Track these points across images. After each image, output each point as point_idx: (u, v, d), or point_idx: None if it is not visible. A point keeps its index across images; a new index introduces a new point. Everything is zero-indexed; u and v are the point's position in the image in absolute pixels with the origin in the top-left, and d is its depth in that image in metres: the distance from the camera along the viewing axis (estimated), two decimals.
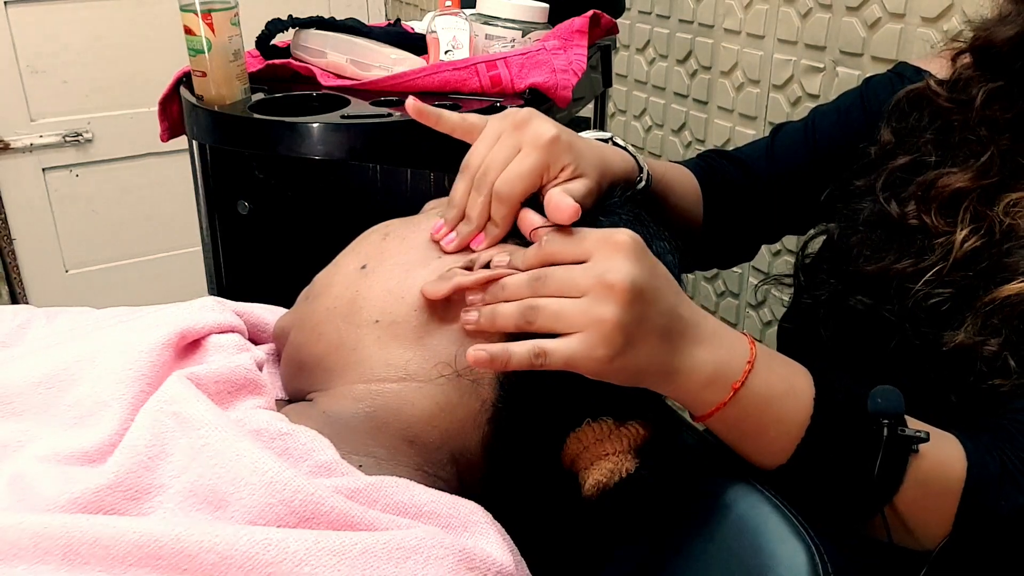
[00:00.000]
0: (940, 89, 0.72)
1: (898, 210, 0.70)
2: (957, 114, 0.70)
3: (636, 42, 1.54)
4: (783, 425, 0.51)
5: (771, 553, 0.50)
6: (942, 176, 0.68)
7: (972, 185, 0.66)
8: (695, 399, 0.51)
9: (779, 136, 0.82)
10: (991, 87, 0.69)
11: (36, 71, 2.02)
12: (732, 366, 0.50)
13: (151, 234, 2.29)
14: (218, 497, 0.42)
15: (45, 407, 0.49)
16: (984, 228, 0.65)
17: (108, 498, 0.42)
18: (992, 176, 0.66)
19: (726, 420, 0.51)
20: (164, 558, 0.38)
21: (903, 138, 0.73)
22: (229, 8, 0.90)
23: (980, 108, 0.68)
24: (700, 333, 0.50)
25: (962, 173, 0.67)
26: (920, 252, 0.67)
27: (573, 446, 0.53)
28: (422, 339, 0.52)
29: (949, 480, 0.53)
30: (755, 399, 0.51)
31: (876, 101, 0.77)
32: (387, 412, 0.51)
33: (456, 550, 0.41)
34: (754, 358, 0.51)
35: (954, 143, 0.69)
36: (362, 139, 0.87)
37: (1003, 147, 0.66)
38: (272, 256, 0.95)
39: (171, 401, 0.46)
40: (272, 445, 0.45)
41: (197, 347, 0.54)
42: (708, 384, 0.50)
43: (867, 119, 0.76)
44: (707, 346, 0.50)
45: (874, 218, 0.72)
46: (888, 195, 0.71)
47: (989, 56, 0.69)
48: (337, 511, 0.41)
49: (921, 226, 0.68)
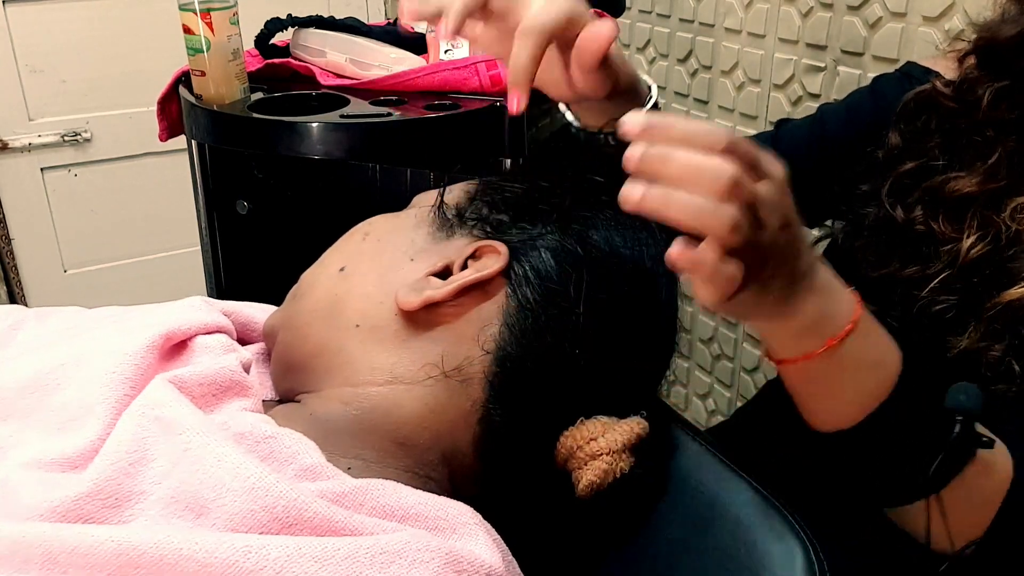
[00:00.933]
0: (947, 91, 0.71)
1: (904, 215, 0.69)
2: (963, 116, 0.69)
3: (636, 41, 1.53)
4: (860, 395, 0.51)
5: (766, 551, 0.50)
6: (949, 180, 0.67)
7: (979, 189, 0.66)
8: (785, 342, 0.50)
9: (783, 130, 0.82)
10: (997, 87, 0.68)
11: (35, 70, 2.02)
12: (836, 321, 0.49)
13: (150, 234, 2.28)
14: (199, 503, 0.41)
15: (31, 411, 0.49)
16: (991, 235, 0.64)
17: (88, 506, 0.42)
18: (999, 180, 0.65)
19: (808, 371, 0.51)
20: (143, 567, 0.37)
21: (911, 142, 0.72)
22: (228, 7, 0.89)
23: (987, 109, 0.68)
24: (816, 279, 0.48)
25: (969, 177, 0.66)
26: (926, 258, 0.67)
27: (566, 445, 0.52)
28: (406, 342, 0.52)
29: (995, 487, 0.53)
30: (845, 360, 0.50)
31: (885, 100, 0.76)
32: (376, 414, 0.50)
33: (443, 553, 0.40)
34: (857, 319, 0.49)
35: (961, 146, 0.69)
36: (361, 139, 0.87)
37: (1009, 149, 0.66)
38: (271, 256, 0.94)
39: (153, 405, 0.46)
40: (256, 449, 0.45)
41: (183, 348, 0.54)
42: (806, 331, 0.49)
43: (876, 117, 0.76)
44: (818, 294, 0.48)
45: (879, 223, 0.71)
46: (894, 200, 0.71)
47: (993, 56, 0.69)
48: (320, 516, 0.40)
49: (927, 232, 0.67)
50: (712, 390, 1.57)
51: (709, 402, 1.58)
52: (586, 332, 0.51)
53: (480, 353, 0.51)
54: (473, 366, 0.51)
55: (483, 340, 0.51)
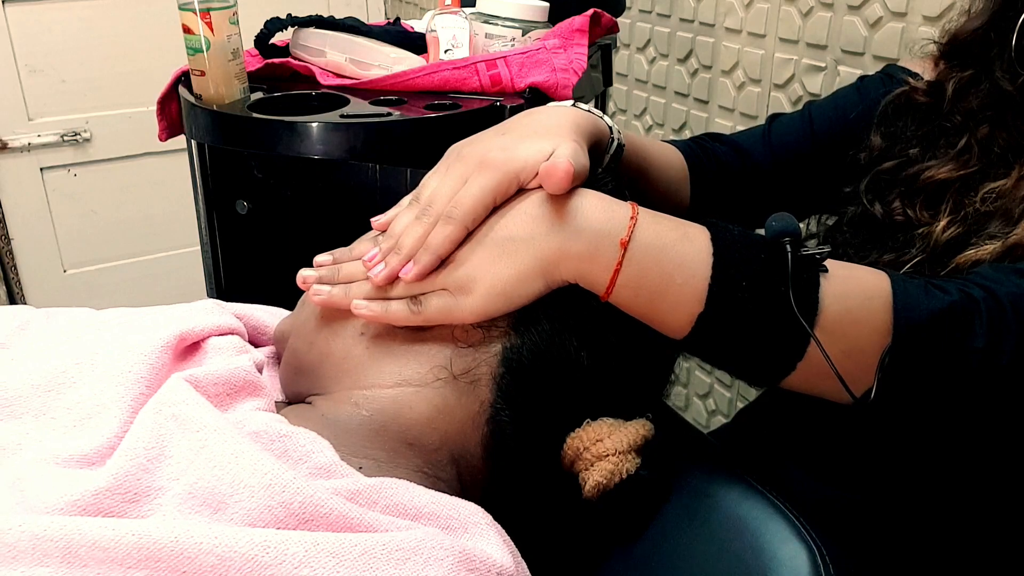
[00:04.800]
0: (922, 87, 0.73)
1: (882, 210, 0.70)
2: (935, 109, 0.71)
3: (637, 41, 1.53)
4: (687, 269, 0.49)
5: (772, 554, 0.50)
6: (925, 169, 0.69)
7: (953, 175, 0.67)
8: (590, 277, 0.49)
9: (775, 124, 0.82)
10: (962, 77, 0.70)
11: (34, 70, 2.02)
12: (613, 225, 0.49)
13: (150, 234, 2.28)
14: (217, 499, 0.42)
15: (44, 410, 0.49)
16: (960, 217, 0.65)
17: (107, 500, 0.42)
18: (972, 165, 0.67)
19: (629, 284, 0.49)
20: (163, 560, 0.38)
21: (890, 144, 0.73)
22: (228, 7, 0.89)
23: (952, 98, 0.70)
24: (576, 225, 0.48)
25: (943, 164, 0.68)
26: (903, 246, 0.68)
27: (573, 447, 0.52)
28: (412, 346, 0.52)
29: (872, 293, 0.50)
30: (649, 250, 0.49)
31: (870, 98, 0.77)
32: (385, 416, 0.51)
33: (456, 551, 0.41)
34: (636, 213, 0.49)
35: (934, 136, 0.71)
36: (361, 138, 0.86)
37: (982, 136, 0.67)
38: (271, 256, 0.94)
39: (170, 403, 0.46)
40: (272, 447, 0.45)
41: (196, 349, 0.54)
42: (593, 253, 0.48)
43: (862, 115, 0.77)
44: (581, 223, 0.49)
45: (857, 220, 0.73)
46: (872, 197, 0.72)
47: (959, 49, 0.71)
48: (336, 513, 0.40)
49: (906, 221, 0.69)
50: (712, 390, 1.56)
51: (709, 402, 1.58)
52: (592, 334, 0.51)
53: (488, 355, 0.51)
54: (481, 368, 0.51)
55: (490, 342, 0.51)
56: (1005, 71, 0.67)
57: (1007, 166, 0.65)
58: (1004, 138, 0.66)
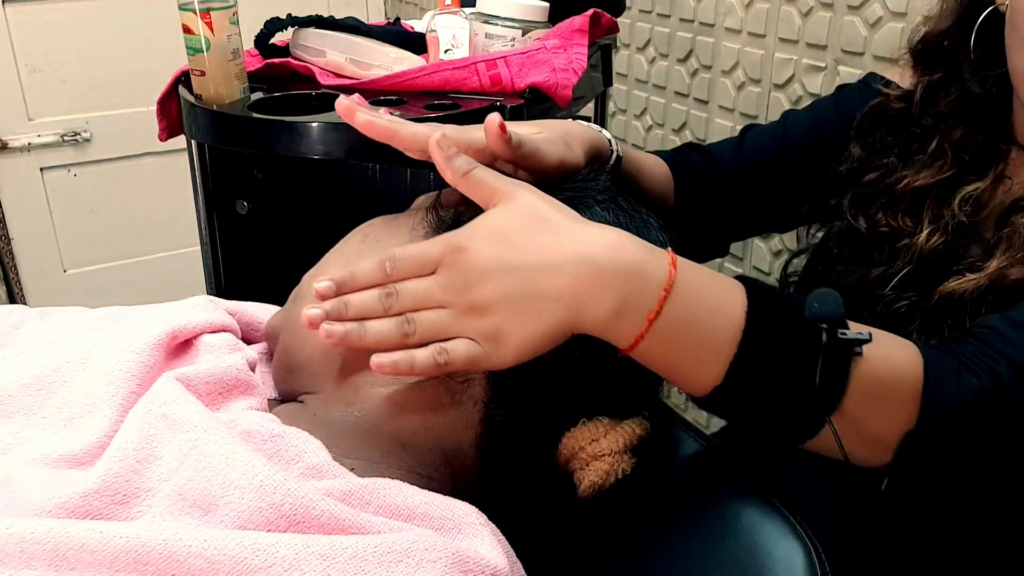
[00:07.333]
0: (894, 92, 0.74)
1: (866, 223, 0.71)
2: (907, 115, 0.72)
3: (637, 41, 1.53)
4: (712, 346, 0.48)
5: (768, 552, 0.50)
6: (903, 178, 0.69)
7: (930, 181, 0.67)
8: (614, 335, 0.48)
9: (748, 135, 0.83)
10: (931, 80, 0.71)
11: (34, 70, 2.02)
12: (646, 297, 0.47)
13: (150, 234, 2.28)
14: (207, 501, 0.41)
15: (35, 409, 0.49)
16: (941, 226, 0.65)
17: (96, 502, 0.42)
18: (946, 170, 0.67)
19: (649, 351, 0.48)
20: (151, 563, 0.37)
21: (869, 156, 0.74)
22: (228, 7, 0.89)
23: (920, 102, 0.70)
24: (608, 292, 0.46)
25: (919, 171, 0.68)
26: (890, 258, 0.68)
27: (568, 446, 0.52)
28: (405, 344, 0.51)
29: (903, 379, 0.50)
30: (676, 323, 0.47)
31: (848, 108, 0.78)
32: (378, 416, 0.50)
33: (449, 553, 0.40)
34: (671, 283, 0.47)
35: (909, 143, 0.71)
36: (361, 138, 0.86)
37: (954, 140, 0.67)
38: (271, 256, 0.94)
39: (160, 403, 0.46)
40: (263, 447, 0.45)
41: (189, 347, 0.54)
42: (619, 318, 0.47)
43: (839, 125, 0.77)
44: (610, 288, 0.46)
45: (843, 234, 0.73)
46: (855, 211, 0.73)
47: (927, 53, 0.72)
48: (328, 514, 0.40)
49: (890, 233, 0.69)
50: None
51: None
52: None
53: None
54: None
55: None
56: (973, 73, 0.67)
57: (981, 169, 0.66)
58: (977, 141, 0.66)
